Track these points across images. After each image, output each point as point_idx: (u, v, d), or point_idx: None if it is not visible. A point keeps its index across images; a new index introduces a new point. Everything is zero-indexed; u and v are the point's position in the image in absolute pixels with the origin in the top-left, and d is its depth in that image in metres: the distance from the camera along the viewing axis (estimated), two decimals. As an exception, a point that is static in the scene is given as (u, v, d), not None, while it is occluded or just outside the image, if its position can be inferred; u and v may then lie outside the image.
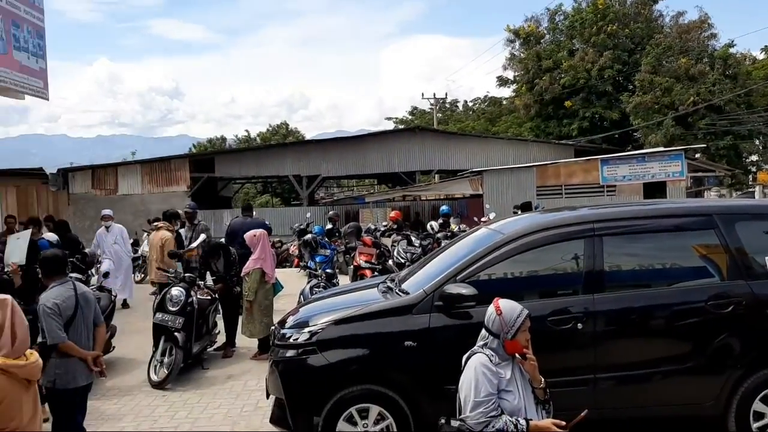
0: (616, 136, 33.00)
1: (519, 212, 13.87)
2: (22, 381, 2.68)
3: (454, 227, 15.23)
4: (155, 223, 9.74)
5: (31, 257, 6.66)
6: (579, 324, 4.91)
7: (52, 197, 25.06)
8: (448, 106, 55.29)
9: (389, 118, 58.32)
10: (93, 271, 9.79)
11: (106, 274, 9.14)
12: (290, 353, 5.14)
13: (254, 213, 11.72)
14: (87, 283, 8.22)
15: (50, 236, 9.60)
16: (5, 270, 6.67)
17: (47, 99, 15.99)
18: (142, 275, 15.38)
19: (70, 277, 5.07)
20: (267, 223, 10.86)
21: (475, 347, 3.51)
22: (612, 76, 33.53)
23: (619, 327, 5.07)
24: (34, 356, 2.74)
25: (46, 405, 5.69)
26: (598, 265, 5.11)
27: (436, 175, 33.38)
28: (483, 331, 3.53)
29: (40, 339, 4.82)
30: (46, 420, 6.00)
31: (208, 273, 8.95)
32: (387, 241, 14.89)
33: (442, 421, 3.46)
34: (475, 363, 3.41)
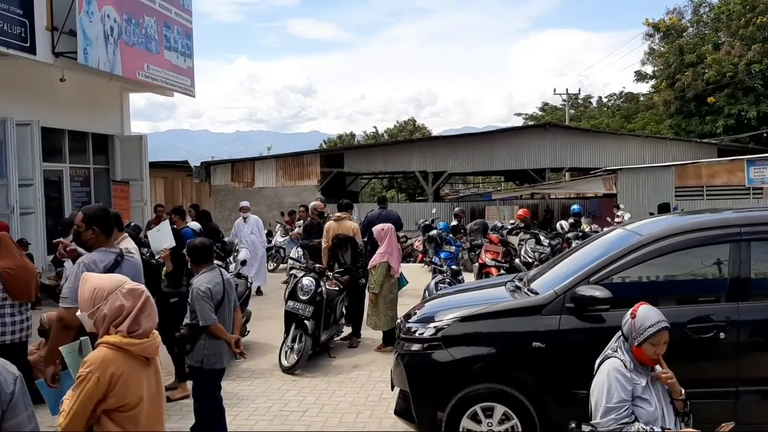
0: (765, 135, 30.59)
1: (654, 214, 13.20)
2: (140, 358, 2.81)
3: (585, 227, 14.75)
4: (337, 214, 9.57)
5: (176, 244, 7.13)
6: (721, 333, 4.61)
7: (195, 188, 26.74)
8: (580, 102, 53.50)
9: (518, 114, 57.44)
10: (231, 258, 10.33)
11: (243, 262, 9.62)
12: (415, 347, 5.18)
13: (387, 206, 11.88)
14: (226, 269, 8.69)
15: (194, 225, 10.20)
16: (155, 257, 7.16)
17: (193, 96, 17.10)
18: (275, 264, 16.07)
19: (216, 265, 5.40)
20: (399, 216, 11.00)
21: (609, 351, 3.39)
22: (761, 71, 31.09)
23: (766, 338, 4.72)
24: (153, 335, 2.89)
25: (188, 383, 6.11)
26: (744, 272, 4.76)
27: (567, 173, 32.45)
28: (617, 334, 3.40)
29: (187, 320, 5.18)
30: (185, 397, 6.44)
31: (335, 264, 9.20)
32: (514, 240, 14.65)
33: (573, 425, 3.37)
34: (608, 368, 3.30)
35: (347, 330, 9.03)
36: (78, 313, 2.89)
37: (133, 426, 2.77)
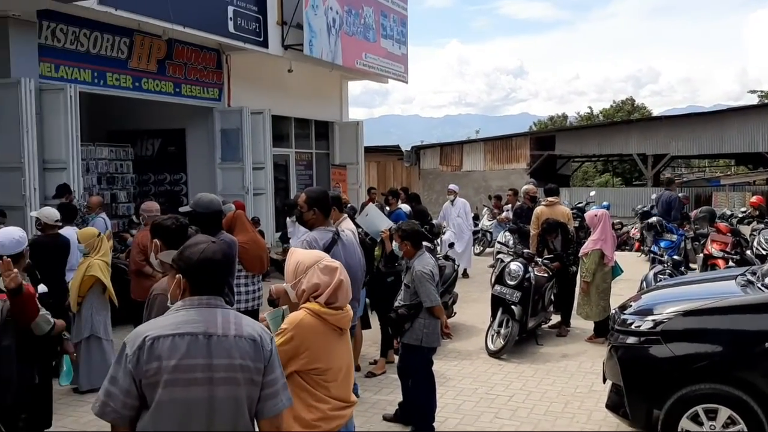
0: None
1: None
2: (334, 328, 3.01)
3: (835, 218, 12.95)
4: (549, 198, 9.21)
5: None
6: None
7: (405, 172, 27.62)
8: (832, 75, 46.74)
9: (753, 92, 51.50)
10: (438, 241, 10.53)
11: (451, 245, 9.76)
12: (631, 340, 4.92)
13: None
14: (434, 252, 8.89)
15: (405, 207, 10.55)
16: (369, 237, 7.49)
17: (406, 82, 17.61)
18: (481, 248, 16.11)
19: (425, 247, 5.56)
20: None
21: None
22: None
23: None
24: (347, 308, 3.08)
25: (382, 360, 6.44)
26: None
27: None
28: None
29: (400, 301, 5.38)
30: (384, 372, 6.76)
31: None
32: (745, 229, 13.27)
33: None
34: None
35: (556, 318, 8.81)
36: (284, 284, 3.16)
37: (323, 390, 2.98)
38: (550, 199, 9.43)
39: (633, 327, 4.94)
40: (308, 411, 2.96)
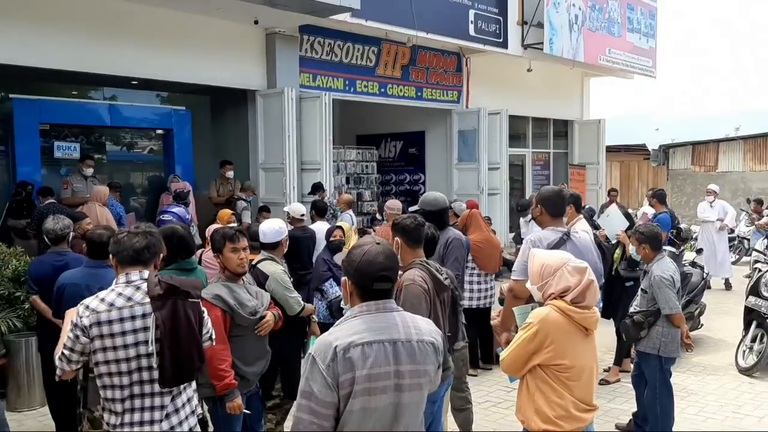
0: None
1: None
2: (579, 327, 2.99)
3: None
4: None
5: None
6: None
7: (651, 172, 25.94)
8: None
9: None
10: (685, 246, 9.79)
11: (699, 251, 9.05)
12: None
13: None
14: (680, 257, 8.32)
15: (648, 210, 9.98)
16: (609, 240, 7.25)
17: (654, 77, 16.59)
18: (737, 256, 14.65)
19: (669, 252, 5.27)
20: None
21: None
22: None
23: None
24: (593, 309, 3.03)
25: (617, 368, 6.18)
26: None
27: None
28: None
29: (636, 307, 5.17)
30: (617, 380, 6.48)
31: None
32: None
33: None
34: None
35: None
36: (528, 284, 3.21)
37: (566, 389, 2.98)
38: None
39: None
40: (549, 407, 2.99)
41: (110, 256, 3.02)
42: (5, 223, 8.39)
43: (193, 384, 3.08)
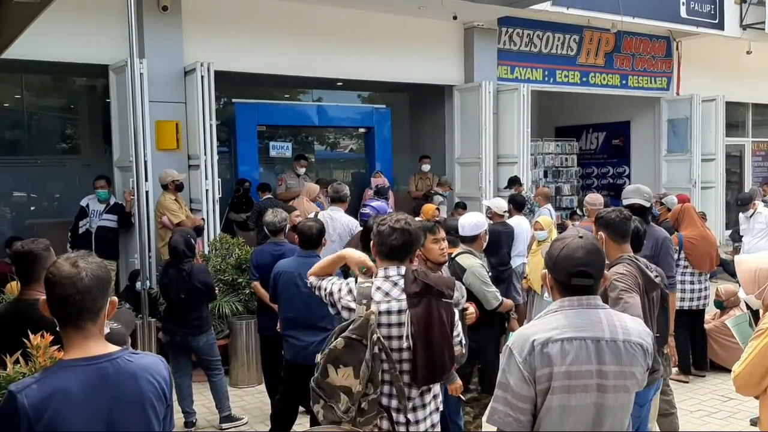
0: None
1: None
2: None
3: None
4: None
5: None
6: None
7: None
8: None
9: None
10: None
11: None
12: None
13: None
14: None
15: None
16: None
17: None
18: None
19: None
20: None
21: None
22: None
23: None
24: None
25: None
26: None
27: None
28: None
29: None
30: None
31: None
32: None
33: None
34: None
35: None
36: (740, 294, 2.91)
37: None
38: None
39: None
40: None
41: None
42: (227, 217, 9.25)
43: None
